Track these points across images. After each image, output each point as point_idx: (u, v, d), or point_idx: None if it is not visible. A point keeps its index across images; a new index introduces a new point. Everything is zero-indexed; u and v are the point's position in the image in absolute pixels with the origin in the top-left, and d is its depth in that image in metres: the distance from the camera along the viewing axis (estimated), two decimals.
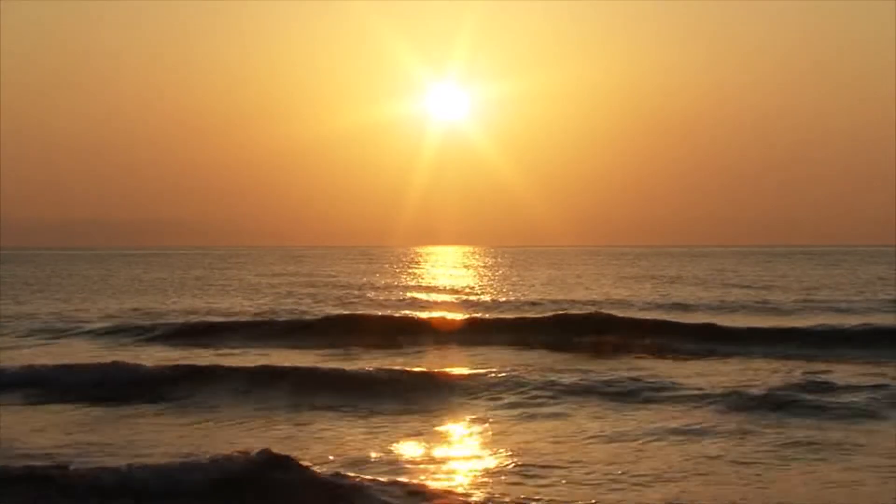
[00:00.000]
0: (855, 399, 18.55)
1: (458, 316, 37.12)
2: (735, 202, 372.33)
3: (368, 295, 53.82)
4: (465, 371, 22.54)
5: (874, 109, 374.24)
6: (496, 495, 11.93)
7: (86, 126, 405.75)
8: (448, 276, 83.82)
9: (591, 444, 15.06)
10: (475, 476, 13.07)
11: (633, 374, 22.16)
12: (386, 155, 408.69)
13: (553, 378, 21.24)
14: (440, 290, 60.70)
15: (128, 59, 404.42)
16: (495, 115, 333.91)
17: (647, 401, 18.86)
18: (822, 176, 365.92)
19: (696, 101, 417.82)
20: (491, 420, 17.19)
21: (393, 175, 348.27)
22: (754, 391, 19.06)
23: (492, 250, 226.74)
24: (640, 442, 15.13)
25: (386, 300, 49.95)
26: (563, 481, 12.69)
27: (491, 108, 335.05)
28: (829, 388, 19.64)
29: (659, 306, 43.82)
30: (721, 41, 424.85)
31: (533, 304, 46.03)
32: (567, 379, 21.20)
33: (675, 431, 15.84)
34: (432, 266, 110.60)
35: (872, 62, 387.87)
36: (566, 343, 29.09)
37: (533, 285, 65.01)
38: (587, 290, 57.25)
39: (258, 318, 36.97)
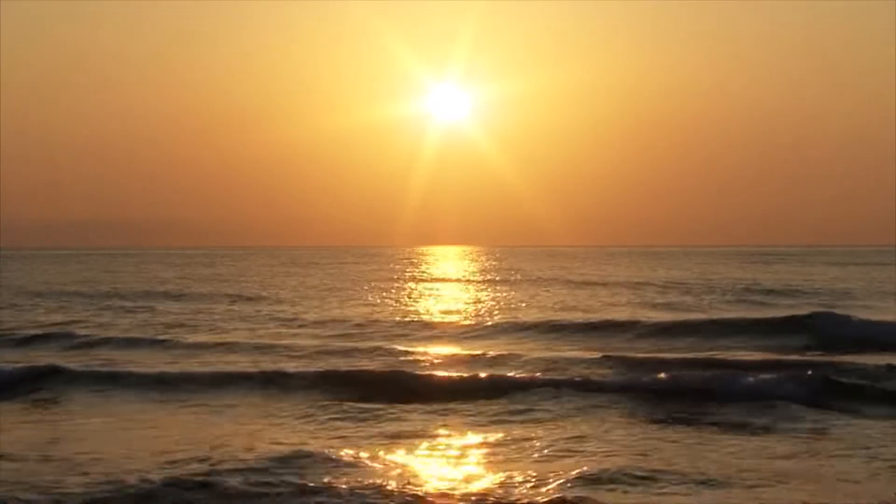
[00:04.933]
0: None
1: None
2: (735, 202, 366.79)
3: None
4: None
5: (874, 109, 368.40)
6: None
7: (86, 126, 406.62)
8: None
9: None
10: None
11: None
12: (386, 155, 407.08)
13: None
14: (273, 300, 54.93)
15: (128, 59, 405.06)
16: (496, 115, 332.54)
17: None
18: (822, 176, 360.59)
19: (696, 101, 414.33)
20: None
21: (393, 175, 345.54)
22: None
23: (495, 250, 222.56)
24: None
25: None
26: None
27: (491, 109, 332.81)
28: None
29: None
30: (721, 41, 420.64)
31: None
32: None
33: None
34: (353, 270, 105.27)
35: (872, 62, 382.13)
36: None
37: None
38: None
39: None
